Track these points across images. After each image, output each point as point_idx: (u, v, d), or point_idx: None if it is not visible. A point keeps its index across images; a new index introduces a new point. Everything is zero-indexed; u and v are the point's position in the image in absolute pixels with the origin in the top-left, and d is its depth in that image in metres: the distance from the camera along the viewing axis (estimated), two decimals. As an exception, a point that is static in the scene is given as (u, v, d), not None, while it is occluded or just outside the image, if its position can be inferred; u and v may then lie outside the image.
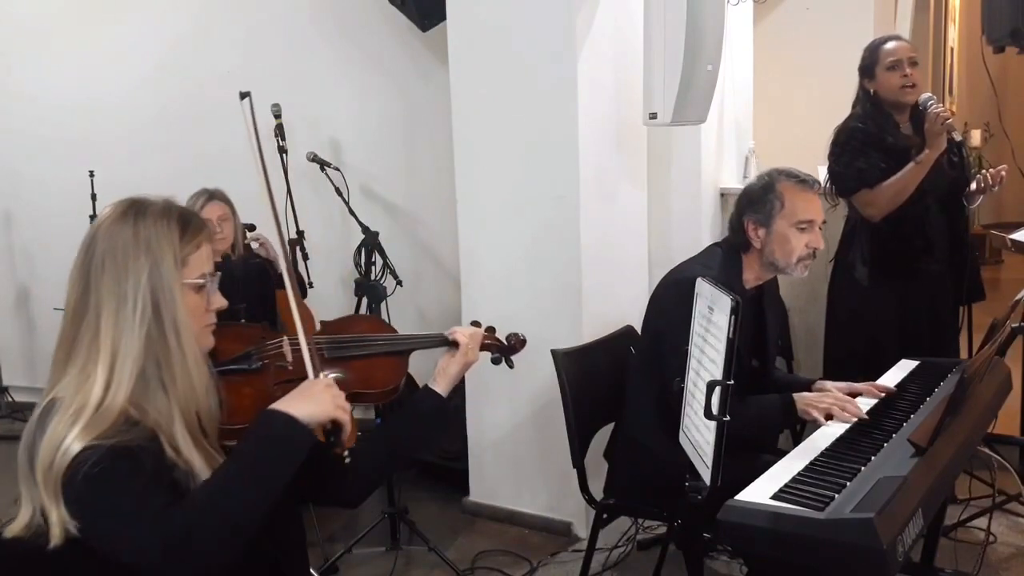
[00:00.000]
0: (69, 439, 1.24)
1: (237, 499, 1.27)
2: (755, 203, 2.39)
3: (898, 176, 2.91)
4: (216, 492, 1.28)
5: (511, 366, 1.92)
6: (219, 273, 1.45)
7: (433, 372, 1.75)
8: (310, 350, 1.51)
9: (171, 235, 1.37)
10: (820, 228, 2.40)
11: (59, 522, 1.24)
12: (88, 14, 4.87)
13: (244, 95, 1.63)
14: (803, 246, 2.36)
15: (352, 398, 1.62)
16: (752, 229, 2.39)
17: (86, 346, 1.32)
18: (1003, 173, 3.01)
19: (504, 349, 1.92)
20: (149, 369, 1.33)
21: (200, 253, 1.41)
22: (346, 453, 1.54)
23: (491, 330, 1.91)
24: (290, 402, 1.37)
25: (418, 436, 1.73)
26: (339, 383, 1.59)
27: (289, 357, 1.62)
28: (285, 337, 1.65)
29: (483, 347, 1.83)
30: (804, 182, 2.39)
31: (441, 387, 1.72)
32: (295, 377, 1.55)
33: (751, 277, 2.45)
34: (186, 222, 1.41)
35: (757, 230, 2.38)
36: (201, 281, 1.40)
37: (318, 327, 1.86)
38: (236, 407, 1.49)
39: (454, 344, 1.75)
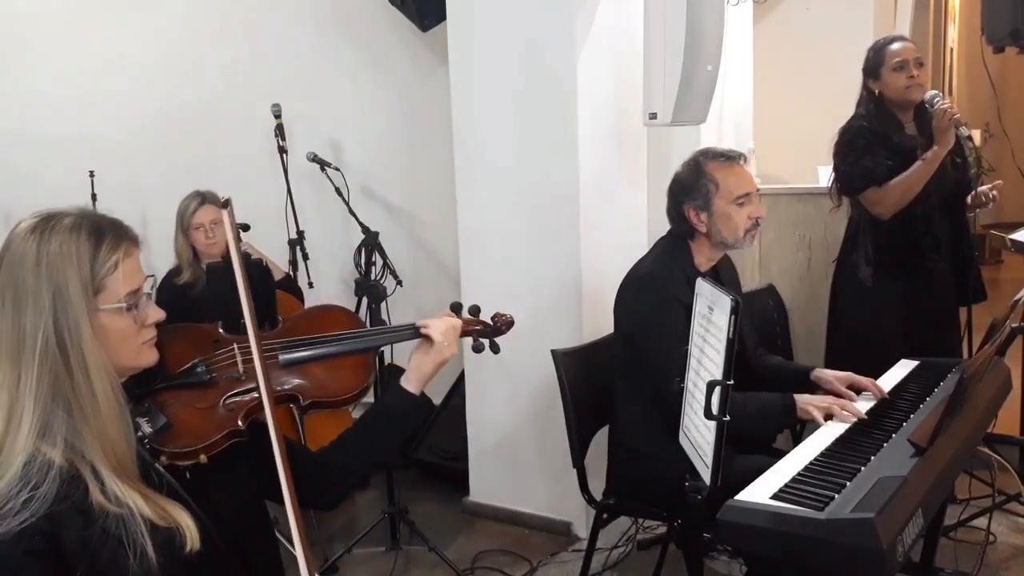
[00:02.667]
0: None
1: None
2: (689, 190, 2.43)
3: (906, 174, 2.90)
4: None
5: (496, 350, 1.72)
6: (151, 278, 1.34)
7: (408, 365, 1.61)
8: (263, 363, 1.34)
9: (79, 258, 1.23)
10: (757, 197, 2.43)
11: None
12: (86, 13, 4.87)
13: (226, 202, 1.43)
14: (746, 219, 2.40)
15: (314, 406, 1.52)
16: (694, 215, 2.42)
17: None
18: (994, 193, 3.03)
19: (489, 331, 1.71)
20: (60, 409, 1.21)
21: (120, 272, 1.26)
22: None
23: (475, 311, 1.71)
24: None
25: (390, 437, 1.61)
26: (297, 391, 1.49)
27: (241, 368, 1.44)
28: (235, 344, 1.48)
29: (464, 334, 1.65)
30: (730, 158, 2.43)
31: (413, 385, 1.58)
32: (248, 388, 1.43)
33: (703, 260, 2.49)
34: (99, 239, 1.25)
35: (699, 215, 2.42)
36: (122, 305, 1.27)
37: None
38: (185, 427, 1.36)
39: (427, 338, 1.58)
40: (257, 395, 1.41)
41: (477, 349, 1.70)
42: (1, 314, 1.22)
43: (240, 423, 1.40)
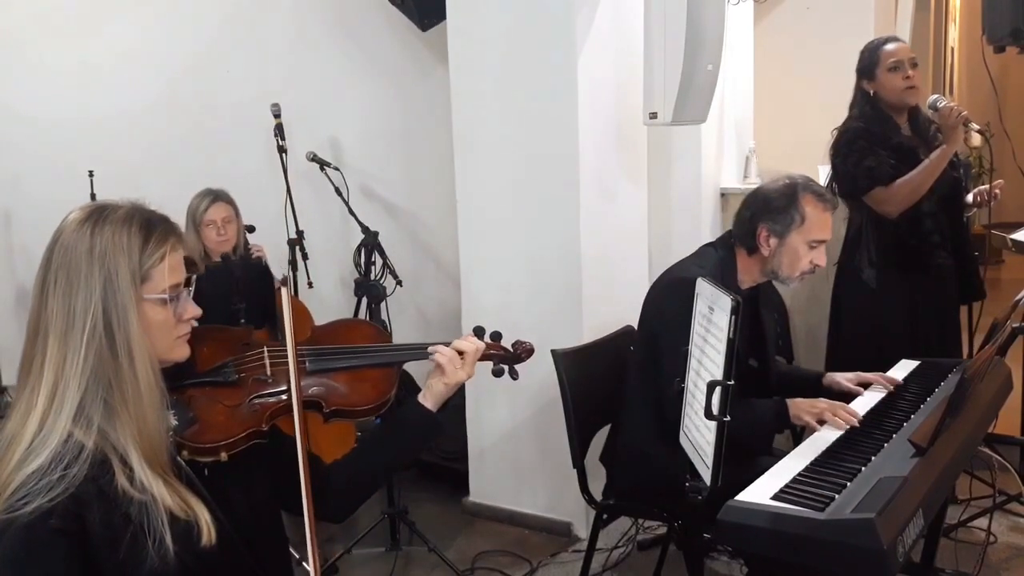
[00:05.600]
0: (9, 486, 1.19)
1: None
2: (775, 212, 2.34)
3: (915, 172, 2.89)
4: None
5: (515, 377, 1.75)
6: (194, 277, 1.38)
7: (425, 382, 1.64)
8: (296, 377, 1.39)
9: (130, 247, 1.28)
10: (826, 247, 2.39)
11: None
12: (85, 13, 4.87)
13: (283, 280, 1.54)
14: (808, 262, 2.35)
15: (336, 415, 1.55)
16: (764, 236, 2.35)
17: (36, 373, 1.25)
18: (997, 191, 3.02)
19: (508, 358, 1.75)
20: (99, 392, 1.25)
21: (165, 265, 1.31)
22: None
23: (496, 337, 1.74)
24: None
25: (405, 451, 1.65)
26: (321, 398, 1.53)
27: (269, 370, 1.50)
28: (266, 347, 1.53)
29: (484, 358, 1.69)
30: (826, 201, 2.36)
31: (429, 402, 1.61)
32: (274, 391, 1.47)
33: (747, 279, 2.44)
34: (149, 231, 1.31)
35: (769, 239, 2.35)
36: (165, 296, 1.31)
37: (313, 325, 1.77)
38: (209, 423, 1.40)
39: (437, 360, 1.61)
40: (282, 398, 1.46)
41: (497, 373, 1.73)
42: (52, 295, 1.26)
43: (264, 424, 1.44)
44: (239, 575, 1.41)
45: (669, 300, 2.38)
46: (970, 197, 3.11)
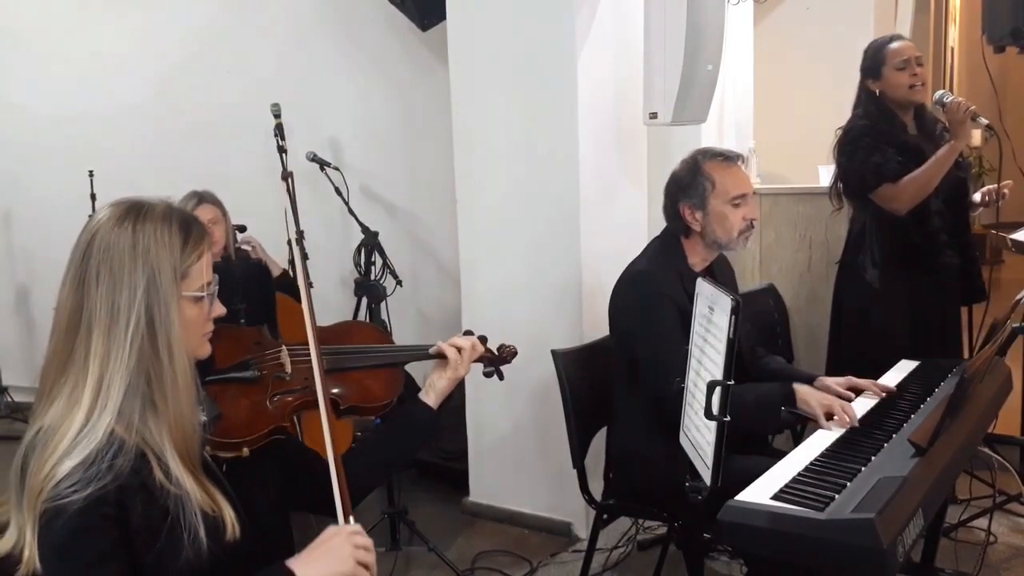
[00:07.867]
0: (54, 476, 1.20)
1: None
2: (686, 188, 2.43)
3: (923, 169, 2.87)
4: None
5: (501, 378, 1.83)
6: (217, 276, 1.41)
7: (425, 383, 1.72)
8: (321, 374, 1.43)
9: (172, 245, 1.30)
10: (753, 199, 2.43)
11: (30, 556, 1.21)
12: (86, 14, 4.87)
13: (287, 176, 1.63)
14: (740, 220, 2.39)
15: (350, 411, 1.60)
16: (689, 213, 2.42)
17: (78, 367, 1.26)
18: (1005, 191, 3.02)
19: (495, 360, 1.83)
20: (140, 387, 1.26)
21: (201, 263, 1.34)
22: None
23: (483, 340, 1.81)
24: (305, 562, 1.29)
25: (408, 448, 1.71)
26: (337, 396, 1.59)
27: (288, 368, 1.55)
28: (284, 347, 1.59)
29: (475, 359, 1.76)
30: (728, 158, 2.43)
31: (431, 400, 1.68)
32: (294, 388, 1.51)
33: (697, 260, 2.47)
34: (188, 231, 1.33)
35: (694, 213, 2.41)
36: (201, 294, 1.34)
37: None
38: (236, 419, 1.44)
39: (443, 357, 1.69)
40: (302, 395, 1.52)
41: (488, 375, 1.82)
42: (95, 290, 1.27)
43: (286, 420, 1.49)
44: (252, 570, 1.43)
45: (626, 296, 2.46)
46: (978, 196, 3.11)
